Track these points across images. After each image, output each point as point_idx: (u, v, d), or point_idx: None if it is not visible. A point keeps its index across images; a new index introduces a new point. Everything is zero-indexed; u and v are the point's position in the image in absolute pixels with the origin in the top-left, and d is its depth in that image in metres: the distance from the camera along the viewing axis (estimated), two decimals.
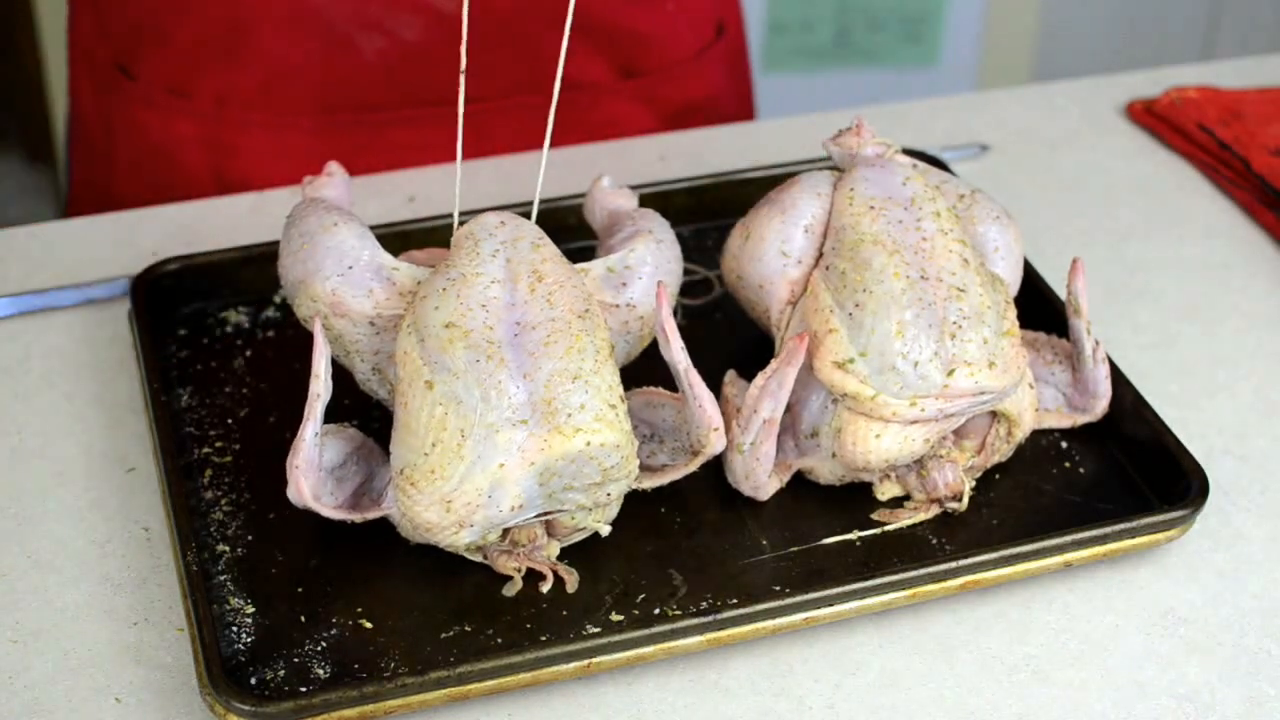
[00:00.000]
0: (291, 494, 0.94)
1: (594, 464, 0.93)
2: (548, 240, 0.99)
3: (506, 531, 0.96)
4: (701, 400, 0.97)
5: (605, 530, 0.98)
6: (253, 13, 1.32)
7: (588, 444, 0.92)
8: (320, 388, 0.95)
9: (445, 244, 1.03)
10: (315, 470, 0.95)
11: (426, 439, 0.92)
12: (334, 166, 1.10)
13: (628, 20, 1.39)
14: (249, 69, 1.33)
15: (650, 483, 0.99)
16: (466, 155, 1.36)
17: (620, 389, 0.95)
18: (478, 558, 0.97)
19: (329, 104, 1.35)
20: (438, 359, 0.93)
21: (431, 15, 1.32)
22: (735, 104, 1.51)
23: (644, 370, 1.04)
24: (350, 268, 0.99)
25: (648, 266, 1.02)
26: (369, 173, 1.31)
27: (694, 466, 0.99)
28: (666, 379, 0.99)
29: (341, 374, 0.99)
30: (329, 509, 0.95)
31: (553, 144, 1.08)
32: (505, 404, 0.92)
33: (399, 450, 0.94)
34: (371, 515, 0.96)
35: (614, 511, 0.98)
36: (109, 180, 1.41)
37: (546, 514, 0.95)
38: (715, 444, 0.98)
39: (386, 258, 1.00)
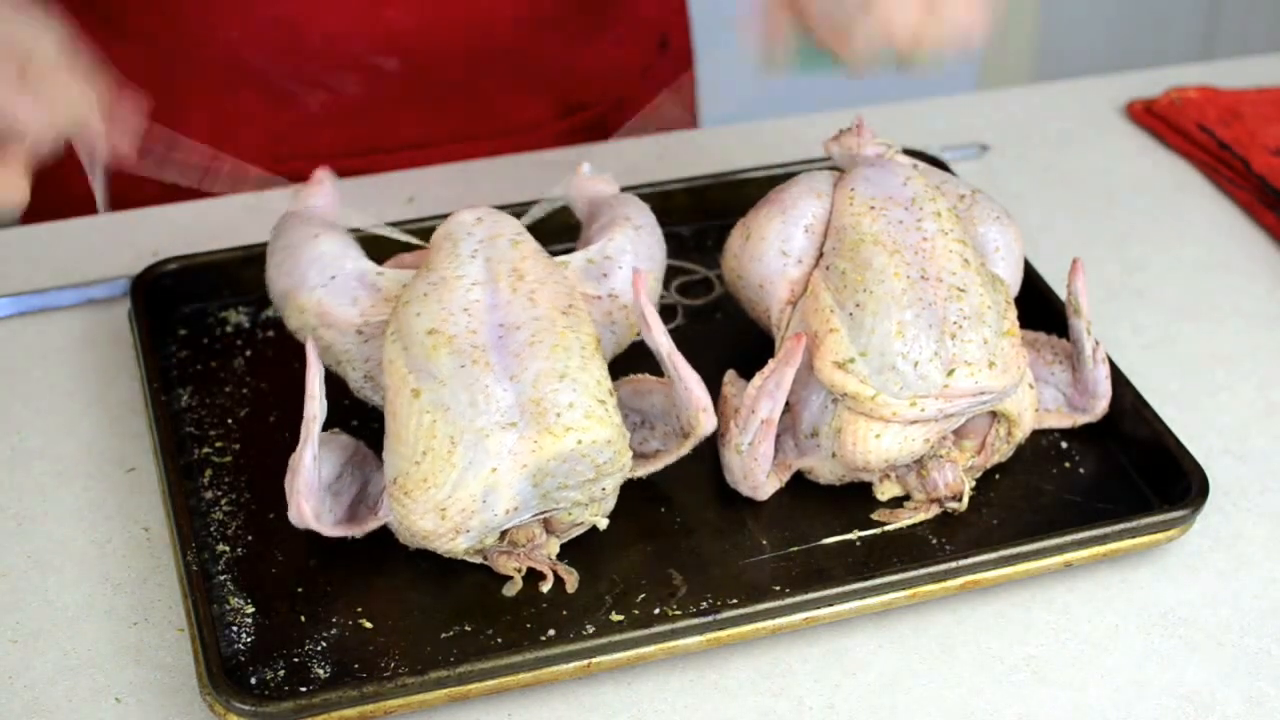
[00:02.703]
0: (293, 517, 0.94)
1: (586, 461, 0.93)
2: (527, 235, 0.99)
3: (505, 533, 0.96)
4: (688, 382, 0.97)
5: (603, 524, 0.98)
6: (191, 70, 1.31)
7: (579, 442, 0.92)
8: (316, 408, 0.94)
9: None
10: (316, 492, 0.95)
11: (417, 447, 0.92)
12: (322, 174, 1.09)
13: (568, 60, 1.38)
14: (195, 120, 1.32)
15: (644, 470, 0.99)
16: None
17: (608, 383, 0.95)
18: (477, 559, 0.96)
19: (278, 153, 1.34)
20: (423, 366, 0.93)
21: (370, 72, 1.32)
22: (674, 107, 1.49)
23: (631, 358, 1.03)
24: (333, 277, 0.99)
25: (627, 255, 1.02)
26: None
27: (686, 449, 0.99)
28: (654, 366, 0.99)
29: (338, 377, 0.99)
30: (329, 528, 0.95)
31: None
32: (493, 408, 0.92)
33: (391, 459, 0.94)
34: (370, 527, 0.96)
35: (610, 504, 0.98)
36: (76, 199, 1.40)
37: (543, 513, 0.95)
38: (705, 424, 0.97)
39: (369, 265, 1.01)
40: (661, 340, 0.97)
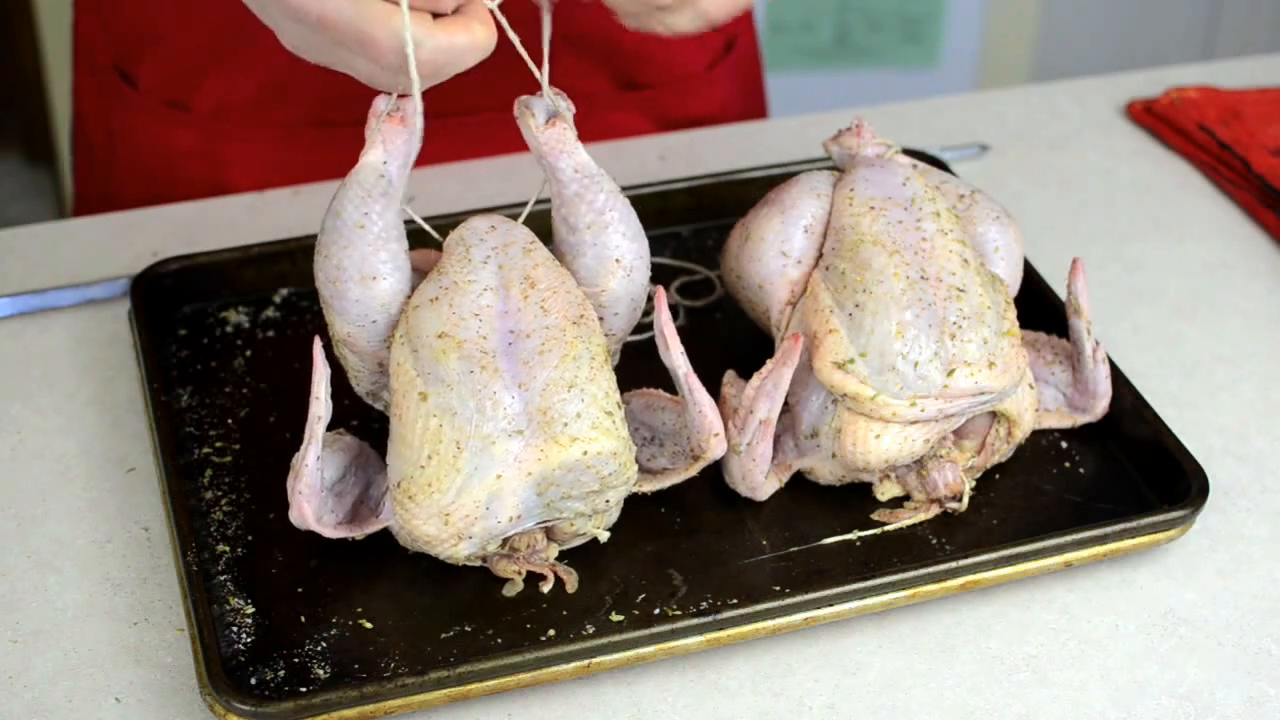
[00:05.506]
0: (294, 518, 0.94)
1: (591, 472, 0.93)
2: (539, 244, 0.98)
3: (506, 539, 0.95)
4: (702, 405, 0.97)
5: (604, 536, 0.98)
6: (251, 24, 1.31)
7: (585, 453, 0.92)
8: (321, 409, 0.94)
9: (439, 245, 1.02)
10: (318, 494, 0.94)
11: (422, 451, 0.92)
12: (410, 110, 0.95)
13: (629, 39, 1.38)
14: (248, 79, 1.32)
15: (650, 486, 0.99)
16: (467, 159, 1.36)
17: (617, 395, 0.94)
18: (477, 563, 0.96)
19: (328, 117, 1.34)
20: (431, 370, 0.93)
21: None
22: (745, 115, 1.50)
23: (643, 373, 1.04)
24: (375, 322, 0.96)
25: (622, 304, 0.99)
26: None
27: (694, 471, 0.99)
28: (666, 381, 0.99)
29: (340, 376, 0.99)
30: (330, 529, 0.95)
31: None
32: (500, 415, 0.91)
33: (395, 462, 0.94)
34: (371, 529, 0.96)
35: (613, 517, 0.98)
36: (111, 186, 1.41)
37: (545, 522, 0.95)
38: (716, 449, 0.97)
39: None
40: (679, 361, 0.97)
